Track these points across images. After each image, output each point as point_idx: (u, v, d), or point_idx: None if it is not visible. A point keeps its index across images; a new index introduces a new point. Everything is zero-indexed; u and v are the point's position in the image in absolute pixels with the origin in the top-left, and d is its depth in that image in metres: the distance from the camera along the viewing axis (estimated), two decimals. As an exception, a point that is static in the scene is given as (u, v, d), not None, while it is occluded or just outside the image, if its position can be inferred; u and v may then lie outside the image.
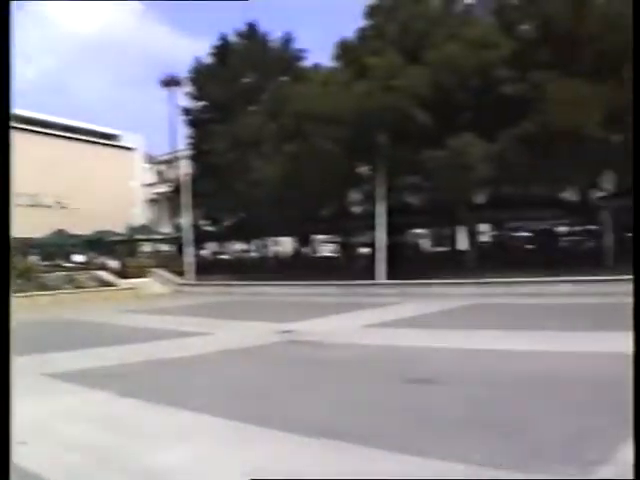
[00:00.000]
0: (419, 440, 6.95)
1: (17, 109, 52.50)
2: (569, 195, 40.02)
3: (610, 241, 30.77)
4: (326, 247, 60.36)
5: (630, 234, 38.14)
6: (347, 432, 7.27)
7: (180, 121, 49.63)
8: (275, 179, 34.46)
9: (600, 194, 35.88)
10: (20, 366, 8.72)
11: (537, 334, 14.95)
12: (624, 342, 13.06)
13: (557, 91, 27.09)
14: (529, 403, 8.56)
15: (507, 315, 20.63)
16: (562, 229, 43.29)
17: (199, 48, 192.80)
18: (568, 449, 6.41)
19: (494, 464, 5.94)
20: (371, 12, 35.68)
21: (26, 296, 30.98)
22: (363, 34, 35.52)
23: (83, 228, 54.31)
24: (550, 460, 6.04)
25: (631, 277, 21.93)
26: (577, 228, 41.39)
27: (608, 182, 36.84)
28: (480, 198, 38.62)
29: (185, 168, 47.20)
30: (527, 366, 11.24)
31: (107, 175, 79.00)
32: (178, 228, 51.27)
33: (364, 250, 43.10)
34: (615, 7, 28.21)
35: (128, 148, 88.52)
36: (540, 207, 35.27)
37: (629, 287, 22.32)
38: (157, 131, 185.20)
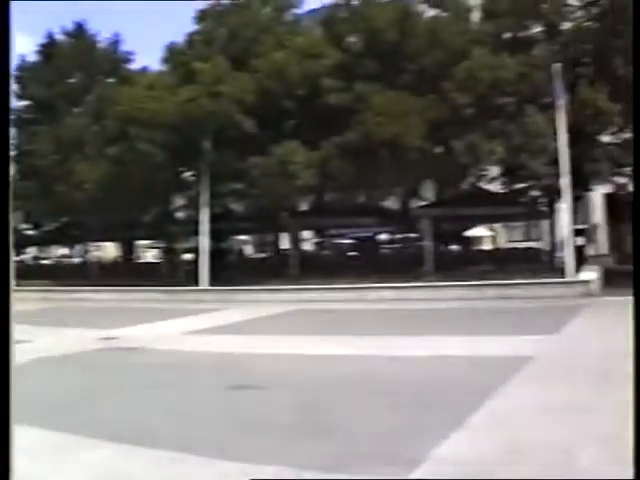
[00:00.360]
0: (242, 445, 7.03)
1: None
2: (391, 203, 41.21)
3: (430, 248, 31.86)
4: (150, 252, 59.49)
5: (447, 243, 39.86)
6: (166, 439, 7.24)
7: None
8: (98, 182, 33.52)
9: (420, 203, 37.14)
10: None
11: (355, 339, 15.33)
12: (435, 344, 13.71)
13: (380, 103, 27.92)
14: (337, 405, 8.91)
15: (328, 320, 21.02)
16: (384, 237, 44.51)
17: (30, 46, 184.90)
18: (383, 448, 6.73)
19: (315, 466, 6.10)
20: (201, 17, 35.48)
21: None
22: (192, 39, 35.20)
23: None
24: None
25: (447, 284, 22.92)
26: (398, 236, 42.69)
27: (428, 191, 38.24)
28: (304, 205, 39.20)
29: (5, 169, 45.10)
30: (343, 369, 11.67)
31: None
32: (-4, 232, 48.93)
33: (188, 256, 42.67)
34: (439, 25, 29.45)
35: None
36: (363, 215, 36.29)
37: (445, 293, 23.21)
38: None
